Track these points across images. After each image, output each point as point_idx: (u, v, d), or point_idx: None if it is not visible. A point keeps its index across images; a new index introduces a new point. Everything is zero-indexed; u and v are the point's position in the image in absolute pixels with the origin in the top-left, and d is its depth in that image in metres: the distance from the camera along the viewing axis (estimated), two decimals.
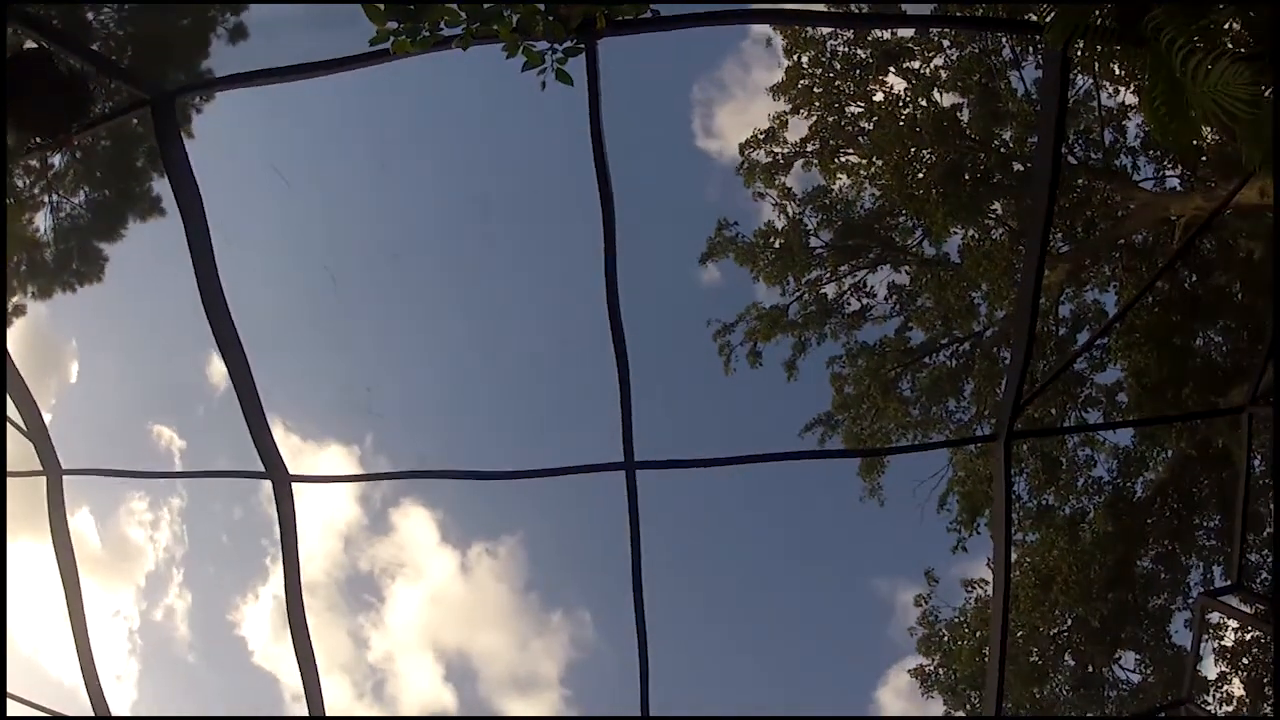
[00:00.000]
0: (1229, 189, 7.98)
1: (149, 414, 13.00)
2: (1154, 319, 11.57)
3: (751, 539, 13.92)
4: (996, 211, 12.42)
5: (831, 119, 12.59)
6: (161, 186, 8.40)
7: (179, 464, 13.16)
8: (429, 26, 3.60)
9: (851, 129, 12.60)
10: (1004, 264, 11.73)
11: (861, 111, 12.48)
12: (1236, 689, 11.86)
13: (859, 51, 12.32)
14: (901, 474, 13.09)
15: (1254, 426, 6.67)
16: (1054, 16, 3.48)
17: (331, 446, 13.17)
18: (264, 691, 13.39)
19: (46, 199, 8.66)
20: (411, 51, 3.71)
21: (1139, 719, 11.46)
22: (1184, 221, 11.19)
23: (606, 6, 3.80)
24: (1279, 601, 7.92)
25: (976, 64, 11.92)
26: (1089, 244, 12.23)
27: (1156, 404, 11.47)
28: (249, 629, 14.01)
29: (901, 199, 12.25)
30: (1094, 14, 3.39)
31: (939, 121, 11.93)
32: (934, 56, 12.21)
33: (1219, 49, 3.03)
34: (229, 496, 14.20)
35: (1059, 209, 11.52)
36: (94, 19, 6.86)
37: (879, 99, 12.35)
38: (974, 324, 12.80)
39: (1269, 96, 3.02)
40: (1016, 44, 11.69)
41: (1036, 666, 12.20)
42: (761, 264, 13.01)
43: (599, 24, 3.81)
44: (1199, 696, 11.16)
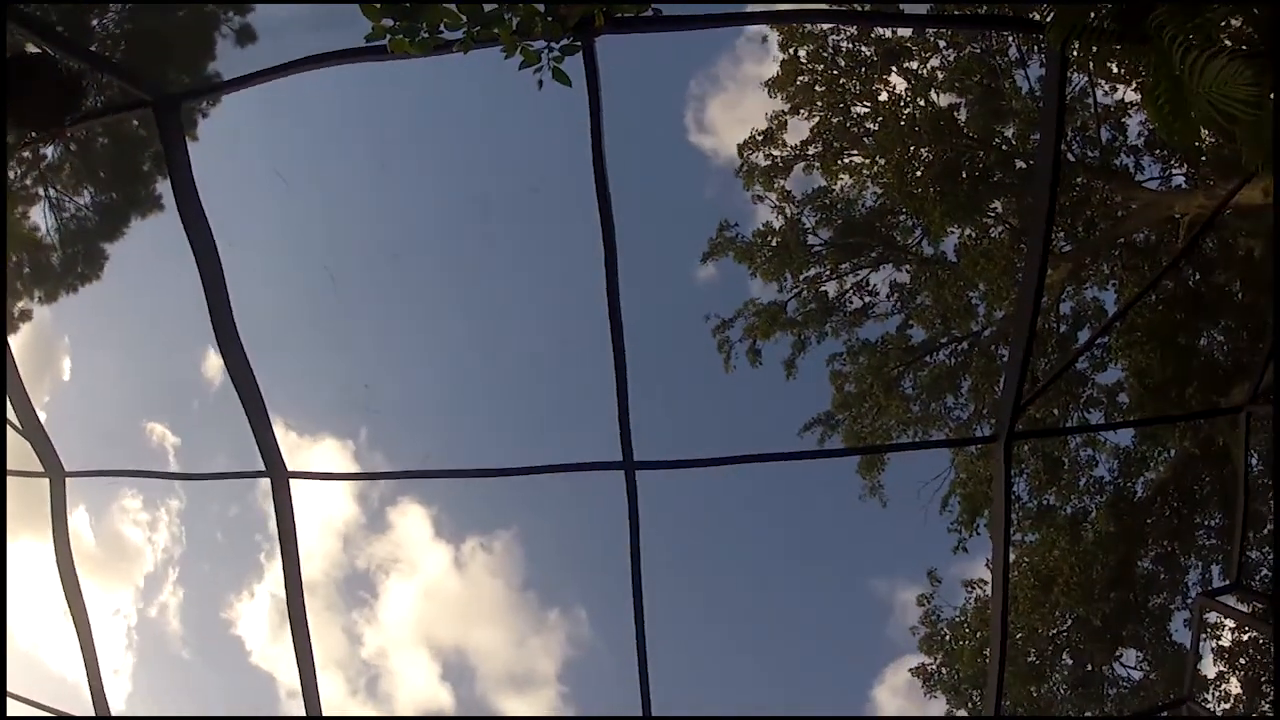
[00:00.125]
0: (1229, 188, 7.96)
1: (143, 411, 13.01)
2: (1155, 318, 11.56)
3: (751, 539, 13.92)
4: (996, 210, 12.41)
5: (836, 120, 12.56)
6: (164, 187, 8.41)
7: (173, 461, 13.17)
8: (428, 29, 3.60)
9: (857, 130, 12.58)
10: (1003, 263, 11.73)
11: (867, 112, 12.46)
12: (1234, 687, 11.86)
13: (864, 49, 12.30)
14: (901, 474, 13.12)
15: (1253, 425, 6.67)
16: (1053, 16, 3.48)
17: (326, 441, 13.18)
18: (260, 689, 13.41)
19: (41, 192, 8.66)
20: (412, 53, 3.70)
21: (1140, 717, 11.45)
22: (1187, 220, 11.18)
23: (606, 5, 3.79)
24: (1279, 600, 7.93)
25: (977, 64, 11.90)
26: (1089, 243, 12.22)
27: (1158, 403, 11.46)
28: (245, 627, 14.02)
29: (901, 197, 12.24)
30: (1093, 13, 3.38)
31: (935, 121, 11.92)
32: (930, 58, 12.20)
33: (1219, 47, 3.03)
34: (225, 494, 14.21)
35: (1060, 208, 11.51)
36: (98, 23, 6.87)
37: (884, 99, 12.34)
38: (972, 323, 12.80)
39: (1269, 97, 3.01)
40: (1023, 43, 11.68)
41: (1036, 666, 12.20)
42: (759, 261, 13.01)
43: (597, 22, 3.80)
44: (1198, 695, 11.16)
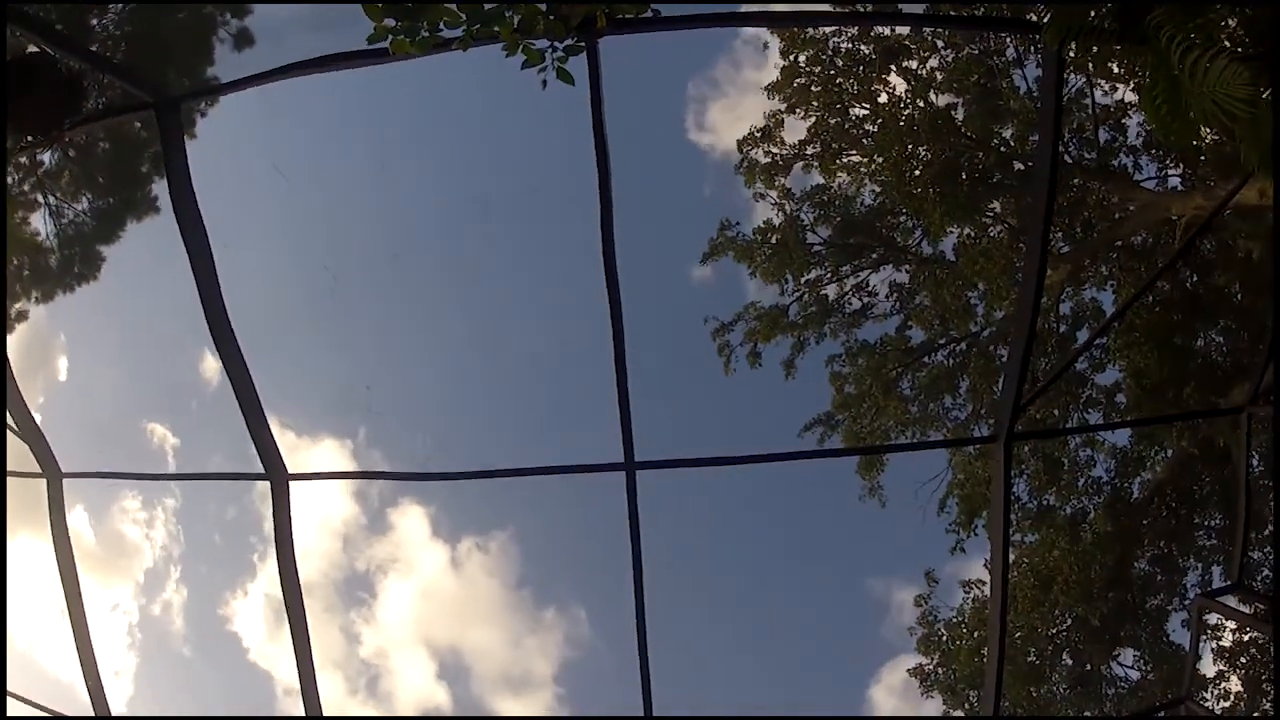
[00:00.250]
0: (1229, 189, 7.98)
1: (141, 411, 12.99)
2: (1154, 319, 11.57)
3: (751, 539, 13.92)
4: (995, 210, 12.43)
5: (834, 121, 12.58)
6: (160, 188, 8.41)
7: (172, 461, 13.15)
8: (428, 27, 3.61)
9: (855, 131, 12.60)
10: (1003, 262, 11.73)
11: (866, 114, 12.48)
12: (1234, 686, 11.87)
13: (862, 48, 12.31)
14: (899, 474, 13.12)
15: (1253, 426, 6.68)
16: (1050, 17, 3.49)
17: (325, 440, 13.18)
18: (258, 687, 13.41)
19: (41, 199, 8.66)
20: (411, 52, 3.71)
21: (1139, 717, 11.46)
22: (1185, 221, 11.19)
23: (607, 5, 3.80)
24: (1279, 601, 7.94)
25: (975, 65, 11.92)
26: (1088, 244, 12.24)
27: (1156, 404, 11.47)
28: (243, 626, 14.02)
29: (900, 197, 12.25)
30: (1090, 14, 3.40)
31: (934, 120, 11.93)
32: (929, 58, 12.21)
33: (1218, 48, 3.04)
34: (223, 494, 14.19)
35: (1059, 209, 11.53)
36: (97, 23, 6.87)
37: (882, 100, 12.35)
38: (971, 324, 12.81)
39: (1267, 97, 3.02)
40: (1020, 43, 11.69)
41: (1034, 666, 12.20)
42: (759, 260, 13.01)
43: (600, 23, 3.81)
44: (1197, 694, 11.17)
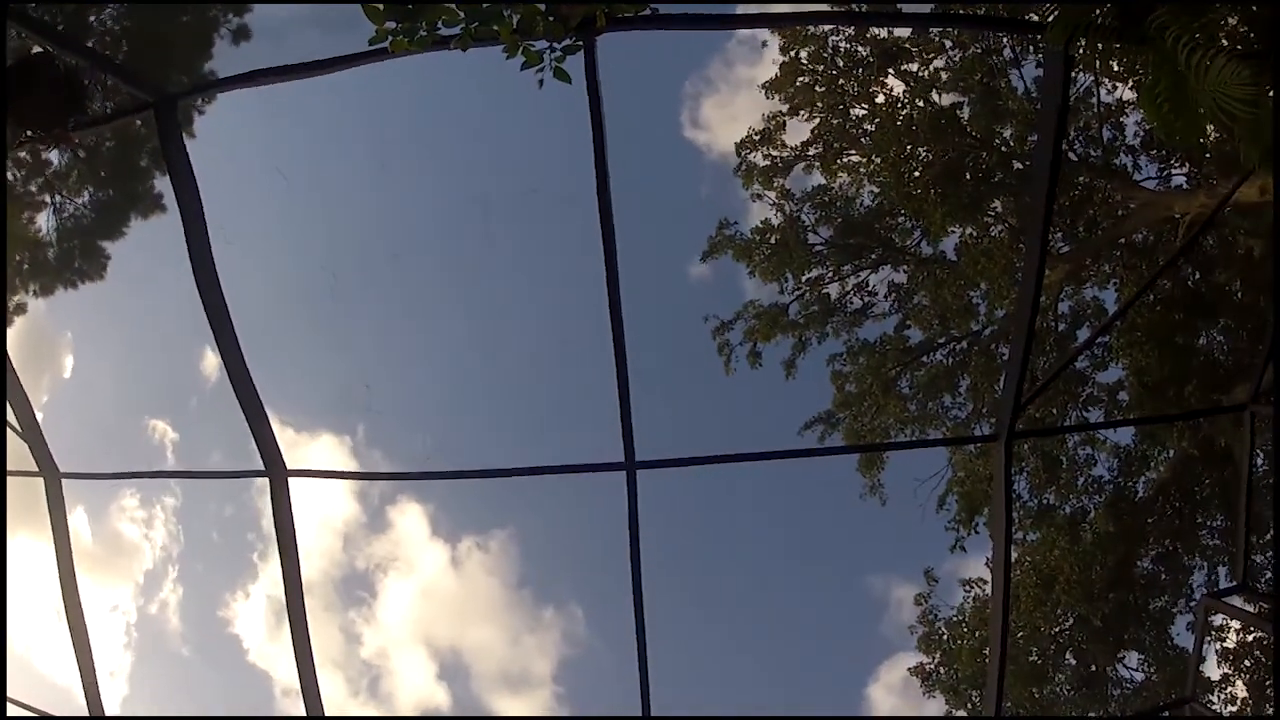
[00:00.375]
0: (1230, 186, 7.96)
1: (142, 408, 13.02)
2: (1155, 317, 11.55)
3: (751, 538, 13.93)
4: (996, 209, 12.41)
5: (836, 122, 12.56)
6: (163, 185, 8.42)
7: (171, 457, 13.17)
8: (427, 26, 3.60)
9: (856, 131, 12.59)
10: (1003, 262, 11.72)
11: (865, 114, 12.47)
12: (1240, 690, 11.84)
13: (860, 49, 12.29)
14: (899, 473, 13.11)
15: (1255, 425, 6.66)
16: (1056, 15, 3.48)
17: (323, 437, 13.19)
18: (256, 687, 13.43)
19: (48, 199, 8.67)
20: (411, 50, 3.70)
21: (1143, 718, 11.44)
22: (1188, 219, 11.17)
23: (606, 5, 3.80)
24: None
25: (979, 64, 11.90)
26: (1090, 243, 12.21)
27: (1158, 403, 11.44)
28: (242, 626, 14.04)
29: (900, 198, 12.24)
30: (1095, 13, 3.39)
31: (936, 120, 11.91)
32: (933, 59, 12.19)
33: (1219, 46, 3.03)
34: (221, 492, 14.22)
35: (1060, 208, 11.51)
36: (96, 20, 6.87)
37: (881, 100, 12.34)
38: (972, 323, 12.79)
39: (1269, 96, 3.01)
40: (1017, 43, 11.67)
41: (1037, 666, 12.18)
42: (758, 260, 13.00)
43: (599, 22, 3.80)
44: (1202, 696, 11.15)
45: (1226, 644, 12.00)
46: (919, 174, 12.06)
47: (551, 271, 12.62)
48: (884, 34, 12.11)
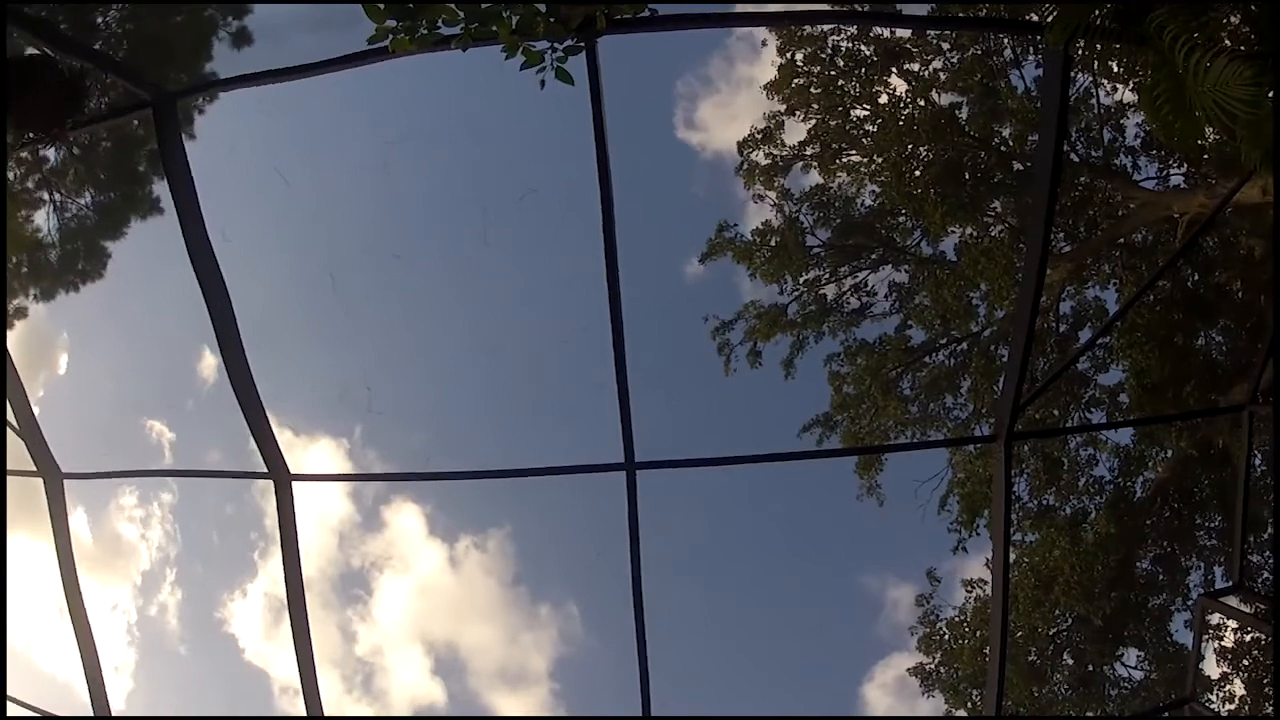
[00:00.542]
0: (1230, 186, 7.97)
1: (139, 407, 12.98)
2: (1155, 317, 11.56)
3: (750, 538, 13.93)
4: (996, 209, 12.42)
5: (834, 123, 12.57)
6: (161, 188, 8.41)
7: (169, 457, 13.12)
8: (427, 25, 3.60)
9: (856, 131, 12.59)
10: (1004, 262, 11.72)
11: (866, 115, 12.47)
12: (1238, 690, 11.85)
13: (863, 48, 12.30)
14: (899, 473, 13.12)
15: (1254, 425, 6.66)
16: (1055, 16, 3.48)
17: (321, 439, 13.17)
18: (254, 686, 13.41)
19: (46, 197, 8.66)
20: (411, 50, 3.71)
21: (1142, 718, 11.45)
22: (1187, 219, 11.18)
23: (606, 6, 3.80)
24: (1279, 602, 7.92)
25: (978, 64, 11.91)
26: (1090, 243, 12.22)
27: (1157, 403, 11.45)
28: (240, 625, 14.02)
29: (900, 198, 12.24)
30: (1095, 13, 3.39)
31: (936, 120, 11.92)
32: (933, 59, 12.20)
33: (1219, 47, 3.04)
34: (220, 490, 14.19)
35: (1060, 208, 11.51)
36: (97, 20, 6.87)
37: (883, 101, 12.35)
38: (972, 324, 12.80)
39: (1269, 96, 3.02)
40: (1017, 44, 11.68)
41: (1036, 666, 12.20)
42: (758, 261, 13.01)
43: (599, 24, 3.81)
44: (1201, 695, 11.15)
45: (1224, 643, 12.02)
46: (919, 174, 12.07)
47: (551, 271, 12.61)
48: (887, 33, 12.13)
